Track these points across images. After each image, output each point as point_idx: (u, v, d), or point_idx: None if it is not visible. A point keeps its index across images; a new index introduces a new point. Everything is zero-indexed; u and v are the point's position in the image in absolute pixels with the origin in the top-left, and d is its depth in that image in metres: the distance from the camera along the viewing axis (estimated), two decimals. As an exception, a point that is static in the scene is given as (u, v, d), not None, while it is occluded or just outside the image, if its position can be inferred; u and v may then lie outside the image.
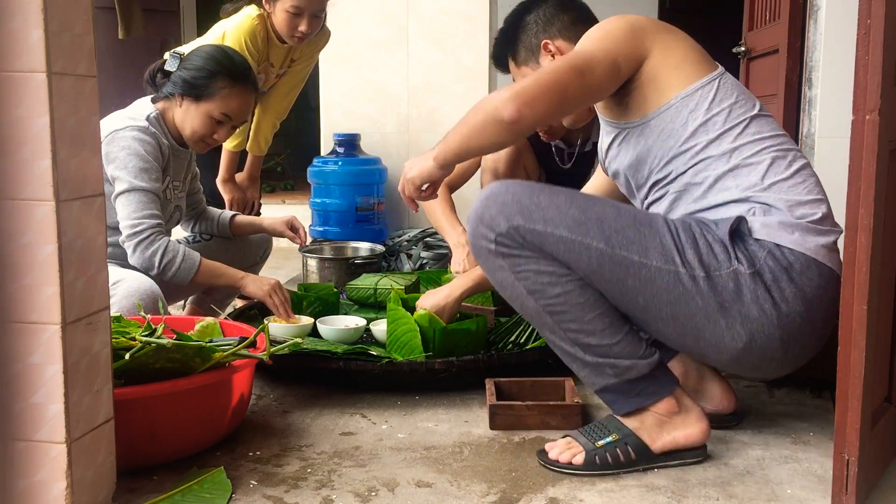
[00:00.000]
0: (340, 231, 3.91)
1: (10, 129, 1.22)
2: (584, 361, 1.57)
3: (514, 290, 1.56)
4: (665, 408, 1.59)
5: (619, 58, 1.60)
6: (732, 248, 1.51)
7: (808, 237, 1.52)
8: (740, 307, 1.50)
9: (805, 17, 3.23)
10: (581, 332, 1.55)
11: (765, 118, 1.63)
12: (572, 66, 1.57)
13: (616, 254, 1.50)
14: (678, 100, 1.61)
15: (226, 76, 2.24)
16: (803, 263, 1.51)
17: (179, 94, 2.25)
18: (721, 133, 1.59)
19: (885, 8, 1.26)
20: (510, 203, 1.52)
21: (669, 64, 1.63)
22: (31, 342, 1.26)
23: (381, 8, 4.22)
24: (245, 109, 2.31)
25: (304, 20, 2.80)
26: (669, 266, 1.50)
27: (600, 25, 1.68)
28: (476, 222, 1.56)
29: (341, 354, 2.02)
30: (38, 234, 1.24)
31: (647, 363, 1.56)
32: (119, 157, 2.14)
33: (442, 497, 1.49)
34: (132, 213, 2.12)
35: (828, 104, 3.13)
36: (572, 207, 1.53)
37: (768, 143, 1.59)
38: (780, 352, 1.54)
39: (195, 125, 2.25)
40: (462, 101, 4.13)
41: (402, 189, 1.77)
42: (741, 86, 1.67)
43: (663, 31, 1.67)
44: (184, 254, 2.14)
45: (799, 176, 1.58)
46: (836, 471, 1.39)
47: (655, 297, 1.51)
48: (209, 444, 1.68)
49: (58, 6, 1.22)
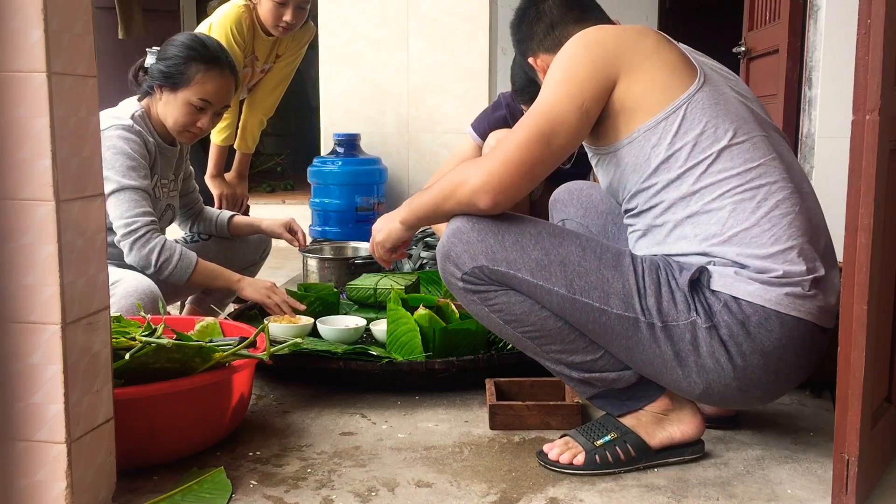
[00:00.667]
0: (340, 231, 3.92)
1: (10, 129, 1.22)
2: (571, 377, 1.60)
3: (491, 320, 1.58)
4: (659, 406, 1.60)
5: (586, 102, 1.51)
6: (692, 298, 1.47)
7: (769, 288, 1.45)
8: (696, 358, 1.47)
9: (805, 17, 3.23)
10: (563, 352, 1.56)
11: (738, 146, 1.50)
12: (538, 134, 1.49)
13: (576, 300, 1.49)
14: (641, 133, 1.53)
15: (199, 61, 2.23)
16: (762, 316, 1.44)
17: (158, 87, 2.25)
18: (682, 173, 1.50)
19: (885, 8, 1.26)
20: (475, 242, 1.52)
21: (635, 91, 1.53)
22: (31, 342, 1.26)
23: (381, 8, 4.23)
24: (224, 92, 2.28)
25: (290, 10, 2.83)
26: (629, 313, 1.48)
27: (560, 60, 1.56)
28: (443, 259, 1.56)
29: (341, 354, 2.02)
30: (38, 234, 1.24)
31: (632, 373, 1.57)
32: (105, 158, 2.13)
33: (442, 497, 1.49)
34: (125, 212, 2.12)
35: (828, 104, 3.13)
36: (536, 248, 1.51)
37: (735, 183, 1.48)
38: (739, 398, 1.52)
39: (176, 115, 2.25)
40: (462, 101, 4.14)
41: (371, 251, 1.78)
42: (719, 102, 1.52)
43: (628, 49, 1.54)
44: (181, 253, 2.14)
45: (766, 221, 1.47)
46: (836, 471, 1.39)
47: (614, 340, 1.51)
48: (209, 444, 1.68)
49: (58, 6, 1.22)
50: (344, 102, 4.31)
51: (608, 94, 1.54)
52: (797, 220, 1.48)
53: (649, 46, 1.55)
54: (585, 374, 1.57)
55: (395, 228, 1.71)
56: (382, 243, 1.75)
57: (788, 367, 1.49)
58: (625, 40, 1.55)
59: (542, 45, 1.79)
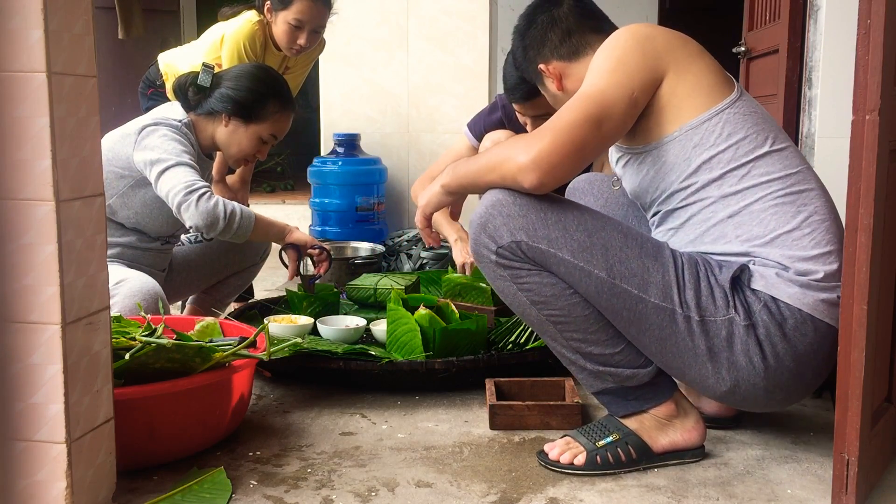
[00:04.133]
0: (340, 231, 3.92)
1: (10, 129, 1.22)
2: (584, 368, 1.58)
3: (516, 299, 1.56)
4: (664, 411, 1.60)
5: (636, 91, 1.51)
6: (732, 295, 1.48)
7: (808, 292, 1.47)
8: (729, 355, 1.48)
9: (805, 17, 3.23)
10: (584, 342, 1.55)
11: (777, 153, 1.53)
12: (588, 116, 1.48)
13: (615, 285, 1.49)
14: (683, 132, 1.54)
15: (277, 100, 2.26)
16: (798, 319, 1.47)
17: (226, 114, 2.24)
18: (724, 172, 1.52)
19: (885, 8, 1.26)
20: (516, 216, 1.50)
21: (680, 91, 1.54)
22: (31, 342, 1.26)
23: (381, 8, 4.22)
24: (287, 129, 2.35)
25: (304, 34, 2.83)
26: (666, 304, 1.48)
27: (609, 49, 1.56)
28: (478, 230, 1.53)
29: (341, 354, 2.02)
30: (38, 234, 1.24)
31: (647, 372, 1.57)
32: (159, 145, 2.12)
33: (442, 497, 1.49)
34: (183, 178, 2.08)
35: (828, 104, 3.13)
36: (579, 230, 1.50)
37: (777, 187, 1.51)
38: (763, 399, 1.53)
39: (243, 145, 2.27)
40: (462, 101, 4.14)
41: (417, 222, 1.73)
42: (757, 112, 1.57)
43: (676, 49, 1.56)
44: (241, 209, 2.14)
45: (807, 225, 1.50)
46: (836, 471, 1.39)
47: (647, 330, 1.51)
48: (209, 444, 1.68)
49: (58, 6, 1.22)
50: (344, 102, 4.31)
51: (655, 88, 1.55)
52: (833, 227, 1.52)
53: (695, 51, 1.59)
54: (600, 367, 1.56)
55: (435, 192, 1.66)
56: (423, 208, 1.69)
57: (813, 372, 1.51)
58: (673, 40, 1.58)
59: (556, 52, 1.76)
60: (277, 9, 2.81)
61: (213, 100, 2.24)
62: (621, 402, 1.60)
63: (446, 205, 1.68)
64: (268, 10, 2.83)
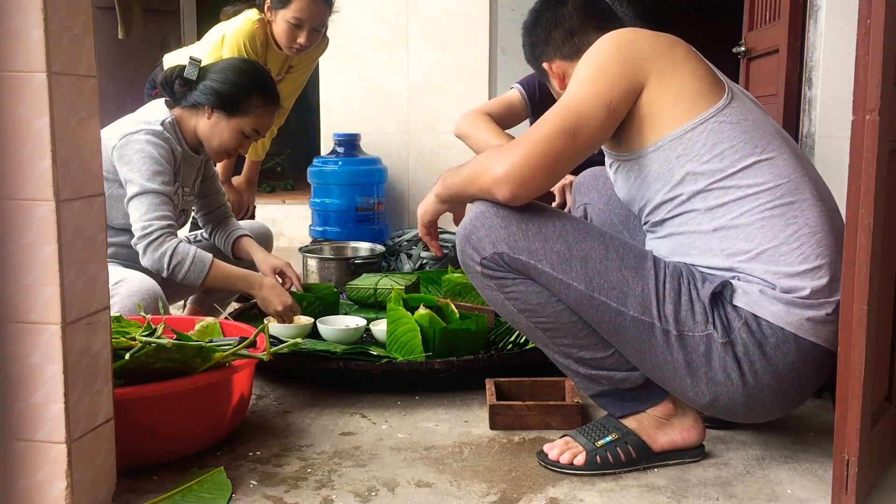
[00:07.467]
0: (340, 231, 3.92)
1: (10, 129, 1.22)
2: (578, 373, 1.59)
3: (505, 307, 1.57)
4: (662, 411, 1.60)
5: (615, 101, 1.48)
6: (711, 311, 1.45)
7: (793, 310, 1.44)
8: (707, 370, 1.47)
9: (805, 17, 3.23)
10: (574, 347, 1.56)
11: (767, 163, 1.48)
12: (563, 128, 1.46)
13: (594, 297, 1.48)
14: (667, 142, 1.50)
15: (261, 94, 2.25)
16: (780, 338, 1.44)
17: (209, 107, 2.24)
18: (709, 184, 1.48)
19: (885, 8, 1.26)
20: (497, 227, 1.50)
21: (663, 99, 1.50)
22: (31, 342, 1.26)
23: (381, 8, 4.22)
24: (270, 124, 2.34)
25: (304, 32, 2.82)
26: (645, 317, 1.47)
27: (591, 56, 1.54)
28: (463, 241, 1.55)
29: (341, 354, 2.02)
30: (38, 234, 1.24)
31: (639, 374, 1.57)
32: (133, 160, 2.13)
33: (442, 497, 1.49)
34: (143, 215, 2.10)
35: (828, 104, 3.14)
36: (559, 241, 1.49)
37: (765, 199, 1.46)
38: (744, 412, 1.52)
39: (224, 138, 2.26)
40: (462, 101, 4.13)
41: (420, 233, 1.75)
42: (748, 118, 1.51)
43: (660, 55, 1.52)
44: (193, 256, 2.11)
45: (795, 239, 1.45)
46: (836, 471, 1.39)
47: (627, 342, 1.51)
48: (209, 444, 1.68)
49: (58, 6, 1.22)
50: (344, 102, 4.31)
51: (636, 97, 1.51)
52: (825, 239, 1.47)
53: (680, 55, 1.53)
54: (593, 371, 1.57)
55: (430, 202, 1.69)
56: (421, 217, 1.72)
57: (797, 389, 1.49)
58: (657, 45, 1.53)
59: (559, 51, 1.77)
60: (277, 7, 2.80)
61: (197, 92, 2.24)
62: (619, 404, 1.61)
63: (443, 213, 1.70)
64: (268, 9, 2.82)
